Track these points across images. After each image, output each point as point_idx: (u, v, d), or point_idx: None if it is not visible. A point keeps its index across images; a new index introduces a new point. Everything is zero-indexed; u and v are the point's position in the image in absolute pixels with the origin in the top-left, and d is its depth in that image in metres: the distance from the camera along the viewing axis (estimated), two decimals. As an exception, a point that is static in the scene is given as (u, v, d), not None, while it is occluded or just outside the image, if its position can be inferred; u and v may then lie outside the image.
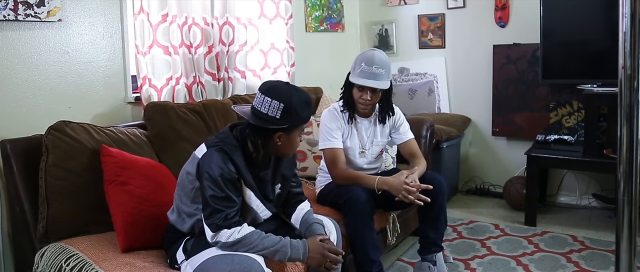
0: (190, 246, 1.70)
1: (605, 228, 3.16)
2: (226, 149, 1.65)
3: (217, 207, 1.60)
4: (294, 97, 1.66)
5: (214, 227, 1.60)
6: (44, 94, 2.23)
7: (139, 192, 1.92)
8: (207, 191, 1.60)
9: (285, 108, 1.64)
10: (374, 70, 2.27)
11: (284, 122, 1.66)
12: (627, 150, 1.03)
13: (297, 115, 1.67)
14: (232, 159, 1.64)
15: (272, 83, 1.71)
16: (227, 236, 1.60)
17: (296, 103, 1.66)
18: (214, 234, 1.61)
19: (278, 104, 1.63)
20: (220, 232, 1.60)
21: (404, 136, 2.51)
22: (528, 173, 3.27)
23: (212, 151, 1.65)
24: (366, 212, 2.18)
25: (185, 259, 1.69)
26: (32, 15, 2.12)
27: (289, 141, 1.74)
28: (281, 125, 1.66)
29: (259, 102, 1.66)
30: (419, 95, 4.17)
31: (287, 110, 1.64)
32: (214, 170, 1.60)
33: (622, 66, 1.00)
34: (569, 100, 3.54)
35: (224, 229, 1.60)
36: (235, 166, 1.65)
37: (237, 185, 1.66)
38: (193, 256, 1.66)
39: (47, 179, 1.89)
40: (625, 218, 1.05)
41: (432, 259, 2.44)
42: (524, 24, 3.63)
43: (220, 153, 1.64)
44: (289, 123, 1.67)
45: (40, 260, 1.82)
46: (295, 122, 1.69)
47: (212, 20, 2.87)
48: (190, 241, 1.72)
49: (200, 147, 1.72)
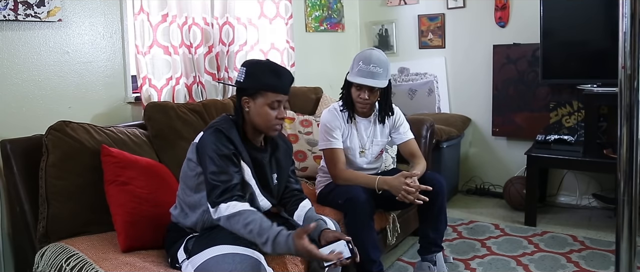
0: (191, 245, 1.70)
1: (605, 228, 3.16)
2: (221, 128, 1.71)
3: (214, 183, 1.63)
4: (259, 62, 1.81)
5: (213, 204, 1.63)
6: (44, 94, 2.23)
7: (139, 192, 1.92)
8: (207, 169, 1.65)
9: (247, 71, 1.76)
10: (371, 69, 2.28)
11: (245, 83, 1.75)
12: (627, 150, 1.03)
13: (258, 79, 1.74)
14: (228, 136, 1.70)
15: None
16: (225, 208, 1.61)
17: (259, 66, 1.78)
18: (215, 210, 1.63)
19: (244, 69, 1.77)
20: (219, 207, 1.62)
21: (403, 136, 2.51)
22: (528, 173, 3.27)
23: (208, 132, 1.72)
24: (366, 212, 2.18)
25: (186, 258, 1.69)
26: (32, 15, 2.12)
27: (255, 108, 1.75)
28: (243, 86, 1.76)
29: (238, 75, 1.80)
30: (419, 95, 4.17)
31: (249, 73, 1.75)
32: (210, 147, 1.66)
33: (622, 66, 1.00)
34: (569, 100, 3.54)
35: (222, 203, 1.62)
36: (231, 142, 1.70)
37: (234, 160, 1.69)
38: (194, 255, 1.66)
39: (47, 179, 1.89)
40: (625, 218, 1.05)
41: (432, 259, 2.44)
42: (524, 24, 3.63)
43: (215, 132, 1.71)
44: (250, 84, 1.74)
45: (40, 260, 1.81)
46: (256, 85, 1.74)
47: (212, 20, 2.87)
48: (192, 240, 1.72)
49: (199, 135, 1.77)
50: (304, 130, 2.92)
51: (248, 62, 1.81)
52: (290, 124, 2.92)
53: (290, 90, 1.83)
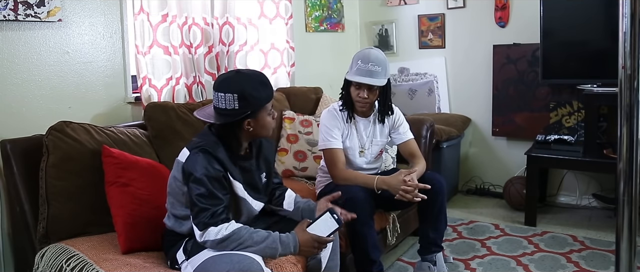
0: (190, 247, 1.70)
1: (605, 228, 3.16)
2: (208, 149, 1.66)
3: (203, 206, 1.60)
4: (244, 83, 1.67)
5: (201, 226, 1.60)
6: (44, 94, 2.23)
7: (140, 193, 1.92)
8: (193, 191, 1.61)
9: (239, 97, 1.65)
10: (370, 67, 2.28)
11: (245, 110, 1.67)
12: (627, 150, 1.03)
13: (255, 99, 1.69)
14: (216, 156, 1.66)
15: (222, 77, 1.73)
16: (215, 232, 1.60)
17: (248, 88, 1.67)
18: (202, 232, 1.60)
19: (232, 96, 1.65)
20: (207, 230, 1.60)
21: (403, 136, 2.51)
22: (528, 173, 3.27)
23: (195, 152, 1.65)
24: (366, 212, 2.18)
25: (185, 260, 1.69)
26: (32, 15, 2.12)
27: (259, 124, 1.75)
28: (244, 113, 1.68)
29: (217, 100, 1.69)
30: (419, 95, 4.17)
31: (242, 98, 1.66)
32: (198, 170, 1.61)
33: (622, 66, 1.00)
34: (569, 100, 3.54)
35: (211, 226, 1.60)
36: (220, 163, 1.66)
37: (223, 183, 1.67)
38: (193, 256, 1.66)
39: (47, 180, 1.89)
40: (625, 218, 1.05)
41: (432, 259, 2.44)
42: (524, 24, 3.63)
43: (203, 153, 1.65)
44: (250, 109, 1.69)
45: (40, 260, 1.81)
46: (256, 106, 1.70)
47: (212, 20, 2.87)
48: (190, 242, 1.72)
49: (183, 152, 1.71)
50: (304, 131, 2.92)
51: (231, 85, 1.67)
52: (291, 124, 2.92)
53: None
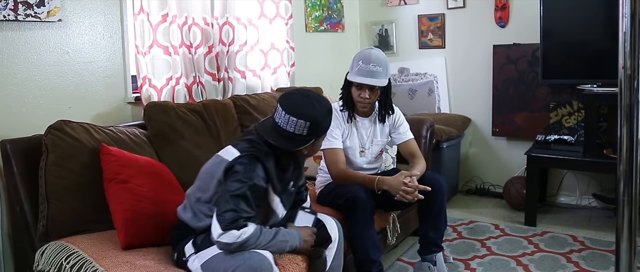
0: (200, 241, 1.70)
1: (605, 228, 3.16)
2: (260, 157, 1.66)
3: (235, 208, 1.59)
4: (317, 112, 1.69)
5: (224, 224, 1.59)
6: (44, 94, 2.23)
7: (138, 190, 1.92)
8: (231, 189, 1.60)
9: (311, 125, 1.68)
10: (371, 68, 2.28)
11: (311, 138, 1.71)
12: (627, 150, 1.03)
13: (322, 128, 1.75)
14: (265, 166, 1.67)
15: (294, 98, 1.71)
16: (236, 236, 1.59)
17: (320, 117, 1.71)
18: (223, 231, 1.59)
19: (304, 123, 1.66)
20: (229, 232, 1.59)
21: (403, 136, 2.51)
22: (528, 173, 3.27)
23: (246, 156, 1.66)
24: (366, 212, 2.18)
25: (193, 253, 1.69)
26: (32, 15, 2.12)
27: (314, 149, 1.83)
28: (309, 141, 1.71)
29: (284, 121, 1.67)
30: (419, 95, 4.17)
31: (314, 127, 1.69)
32: (246, 173, 1.62)
33: (622, 66, 1.00)
34: (569, 100, 3.54)
35: (233, 229, 1.59)
36: (267, 173, 1.68)
37: (260, 195, 1.69)
38: (202, 250, 1.66)
39: (47, 178, 1.89)
40: (625, 218, 1.05)
41: (432, 259, 2.44)
42: (524, 24, 3.63)
43: (255, 159, 1.65)
44: (316, 137, 1.74)
45: (40, 258, 1.82)
46: (321, 134, 1.77)
47: (212, 20, 2.87)
48: (201, 236, 1.72)
49: (229, 151, 1.71)
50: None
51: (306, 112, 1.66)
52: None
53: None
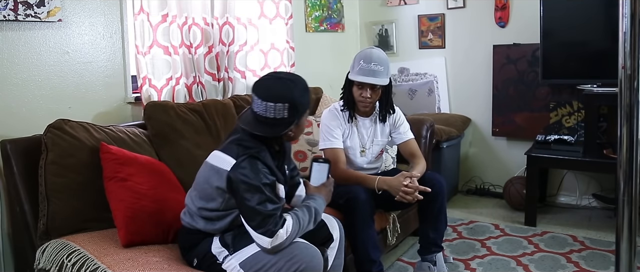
0: (230, 240, 1.68)
1: (605, 228, 3.16)
2: (256, 155, 1.64)
3: (267, 213, 1.58)
4: (293, 91, 1.65)
5: (270, 233, 1.57)
6: (44, 94, 2.23)
7: (139, 188, 1.92)
8: (251, 201, 1.57)
9: (290, 106, 1.64)
10: (372, 67, 2.28)
11: (293, 119, 1.67)
12: (627, 150, 1.03)
13: (302, 106, 1.70)
14: (265, 162, 1.65)
15: (266, 84, 1.68)
16: (284, 234, 1.59)
17: (298, 96, 1.66)
18: (272, 239, 1.57)
19: (283, 105, 1.63)
20: (277, 235, 1.58)
21: (404, 136, 2.51)
22: (528, 173, 3.27)
23: (243, 160, 1.61)
24: (366, 212, 2.18)
25: (228, 254, 1.66)
26: (32, 15, 2.12)
27: (299, 128, 1.80)
28: (292, 122, 1.68)
29: (262, 109, 1.64)
30: (419, 95, 4.17)
31: (293, 107, 1.64)
32: (253, 179, 1.59)
33: (622, 66, 1.00)
34: (569, 100, 3.54)
35: (279, 230, 1.58)
36: (269, 168, 1.66)
37: (275, 187, 1.68)
38: (239, 250, 1.64)
39: (46, 177, 1.89)
40: (625, 218, 1.05)
41: (432, 259, 2.44)
42: (524, 24, 3.63)
43: (252, 160, 1.62)
44: (298, 116, 1.69)
45: (41, 256, 1.82)
46: (303, 113, 1.72)
47: (212, 21, 2.87)
48: (229, 235, 1.69)
49: (221, 158, 1.66)
50: (304, 130, 2.91)
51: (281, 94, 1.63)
52: (290, 124, 2.92)
53: None
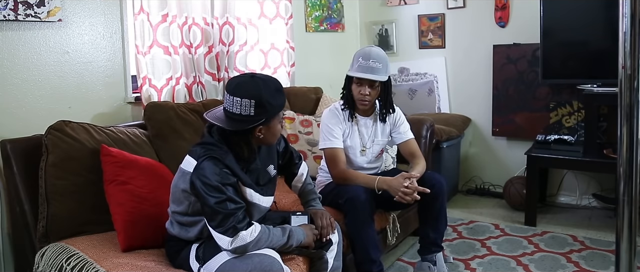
0: (201, 253, 1.68)
1: (605, 228, 3.16)
2: (217, 156, 1.62)
3: (227, 212, 1.57)
4: (262, 90, 1.64)
5: (231, 232, 1.57)
6: (44, 94, 2.23)
7: (139, 191, 1.92)
8: (210, 199, 1.57)
9: (257, 103, 1.62)
10: (371, 64, 2.30)
11: (260, 117, 1.65)
12: (627, 150, 1.03)
13: (271, 106, 1.66)
14: (225, 164, 1.63)
15: (237, 80, 1.69)
16: (248, 235, 1.59)
17: (266, 95, 1.64)
18: (233, 238, 1.57)
19: (249, 102, 1.61)
20: (239, 235, 1.57)
21: (404, 136, 2.51)
22: (528, 173, 3.27)
23: (203, 161, 1.61)
24: (366, 212, 2.18)
25: (200, 267, 1.67)
26: (32, 15, 2.12)
27: (269, 131, 1.74)
28: (258, 121, 1.65)
29: (230, 103, 1.64)
30: (419, 95, 4.17)
31: (260, 105, 1.62)
32: (212, 179, 1.58)
33: (622, 66, 1.00)
34: (569, 100, 3.54)
35: (241, 231, 1.58)
36: (230, 170, 1.63)
37: (237, 188, 1.66)
38: (208, 262, 1.64)
39: (47, 179, 1.89)
40: (625, 218, 1.05)
41: (432, 259, 2.44)
42: (524, 24, 3.63)
43: (212, 161, 1.61)
44: (265, 116, 1.66)
45: (40, 260, 1.82)
46: (271, 114, 1.68)
47: (212, 20, 2.87)
48: (201, 248, 1.70)
49: (187, 161, 1.67)
50: (304, 130, 2.92)
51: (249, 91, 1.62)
52: (290, 124, 2.92)
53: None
